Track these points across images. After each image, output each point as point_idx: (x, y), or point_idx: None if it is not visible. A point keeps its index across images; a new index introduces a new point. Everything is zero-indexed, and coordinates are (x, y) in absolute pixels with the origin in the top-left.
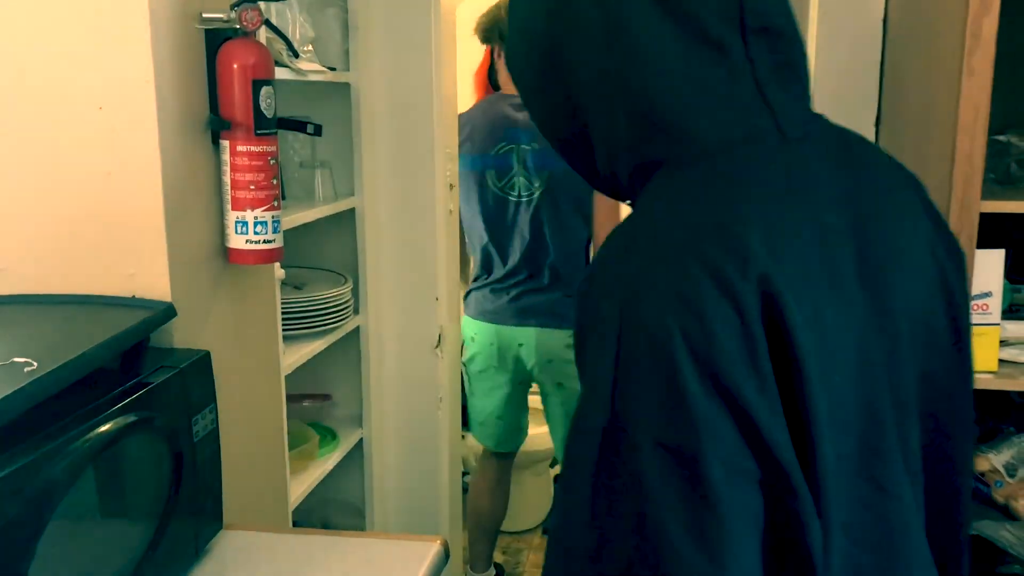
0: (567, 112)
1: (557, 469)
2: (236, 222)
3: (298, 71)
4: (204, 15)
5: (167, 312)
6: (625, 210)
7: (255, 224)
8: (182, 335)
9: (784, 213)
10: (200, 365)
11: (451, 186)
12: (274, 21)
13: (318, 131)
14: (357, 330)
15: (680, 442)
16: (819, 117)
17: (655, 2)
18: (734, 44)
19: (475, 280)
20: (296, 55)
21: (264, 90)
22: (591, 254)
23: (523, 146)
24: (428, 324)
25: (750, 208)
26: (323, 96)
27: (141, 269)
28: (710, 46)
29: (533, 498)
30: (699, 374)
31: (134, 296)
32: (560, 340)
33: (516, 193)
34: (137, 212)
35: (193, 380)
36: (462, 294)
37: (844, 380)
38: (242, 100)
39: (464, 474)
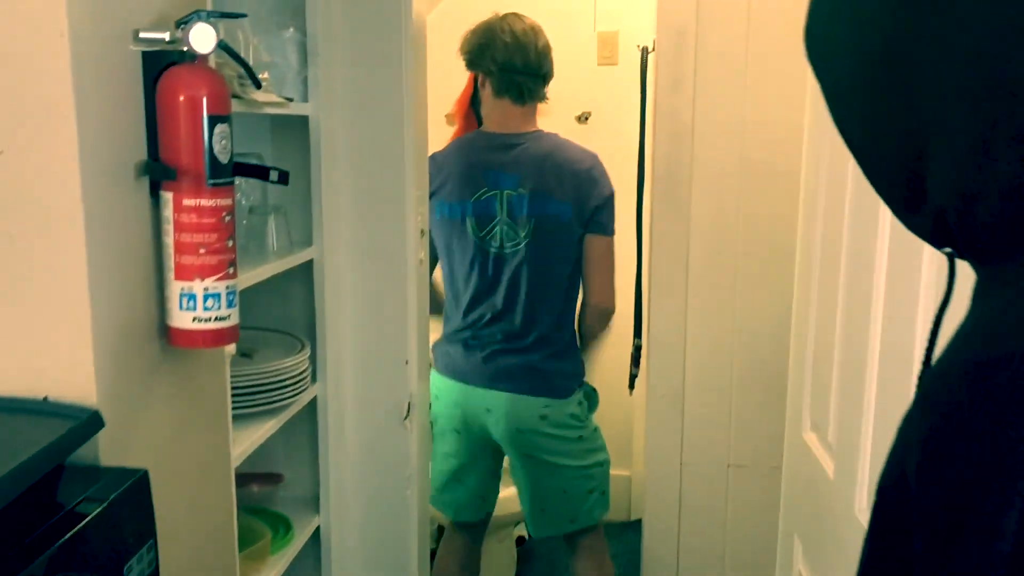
0: (897, 123)
1: (521, 529)
2: (181, 295)
3: (251, 103)
4: (141, 34)
5: (92, 422)
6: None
7: (205, 297)
8: (110, 446)
9: None
10: (135, 490)
11: (422, 232)
12: (215, 33)
13: (283, 179)
14: (314, 400)
15: None
16: None
17: None
18: None
19: (449, 330)
20: (258, 85)
21: (219, 129)
22: (581, 311)
23: (507, 191)
24: (396, 392)
25: None
26: (275, 130)
27: (56, 362)
28: None
29: (497, 566)
30: None
31: (46, 398)
32: (533, 410)
33: (498, 243)
34: (52, 287)
35: (126, 512)
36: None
37: None
38: (191, 141)
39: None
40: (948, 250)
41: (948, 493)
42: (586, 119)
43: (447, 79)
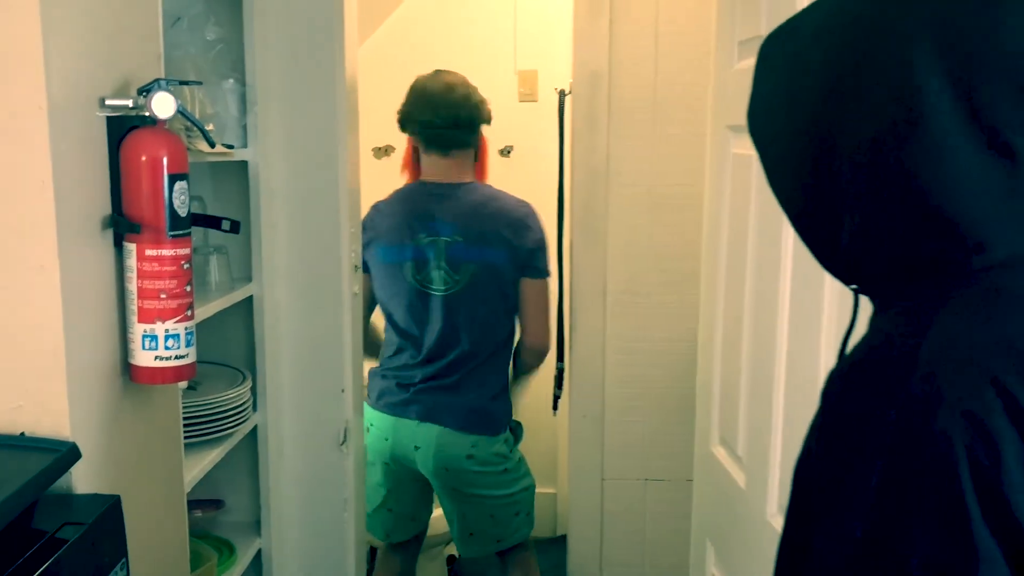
0: (818, 190)
1: (452, 548)
2: (143, 336)
3: (197, 152)
4: (107, 101)
5: (70, 454)
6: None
7: (166, 338)
8: (83, 476)
9: None
10: (110, 515)
11: (356, 268)
12: (174, 100)
13: (235, 228)
14: (255, 429)
15: (953, 567)
16: None
17: (957, 101)
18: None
19: (384, 364)
20: (212, 145)
21: (178, 186)
22: (517, 349)
23: (443, 238)
24: (333, 419)
25: None
26: (215, 174)
27: (32, 399)
28: (1002, 155)
29: None
30: (980, 497)
31: (23, 434)
32: (461, 448)
33: (435, 287)
34: (28, 333)
35: (103, 535)
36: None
37: None
38: (152, 198)
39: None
40: (854, 287)
41: (833, 462)
42: (508, 152)
43: (376, 112)
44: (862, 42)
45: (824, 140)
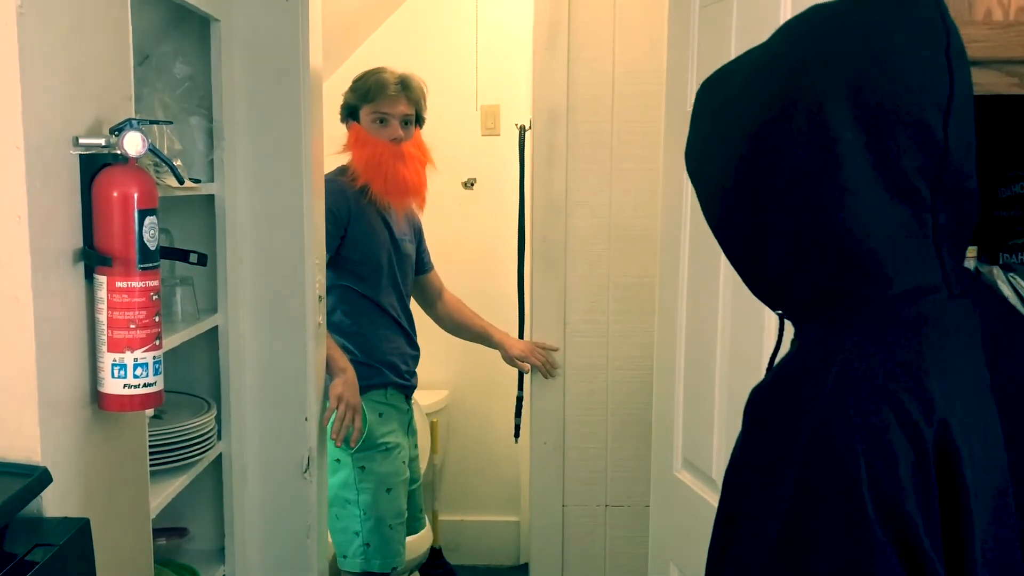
0: (746, 225)
1: None
2: (113, 365)
3: (166, 187)
4: (81, 140)
5: (41, 479)
6: None
7: (135, 366)
8: (54, 499)
9: (955, 364)
10: (79, 538)
11: (320, 298)
12: (144, 139)
13: (203, 261)
14: (219, 457)
15: (854, 565)
16: (970, 272)
17: (867, 150)
18: (925, 199)
19: None
20: (180, 181)
21: (148, 221)
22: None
23: None
24: (296, 447)
25: (931, 356)
26: (182, 208)
27: (4, 425)
28: (907, 198)
29: None
30: (876, 503)
31: None
32: None
33: None
34: (1, 361)
35: (72, 557)
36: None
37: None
38: (123, 232)
39: None
40: (779, 312)
41: (753, 472)
42: (472, 185)
43: (340, 145)
44: (783, 94)
45: (751, 182)
